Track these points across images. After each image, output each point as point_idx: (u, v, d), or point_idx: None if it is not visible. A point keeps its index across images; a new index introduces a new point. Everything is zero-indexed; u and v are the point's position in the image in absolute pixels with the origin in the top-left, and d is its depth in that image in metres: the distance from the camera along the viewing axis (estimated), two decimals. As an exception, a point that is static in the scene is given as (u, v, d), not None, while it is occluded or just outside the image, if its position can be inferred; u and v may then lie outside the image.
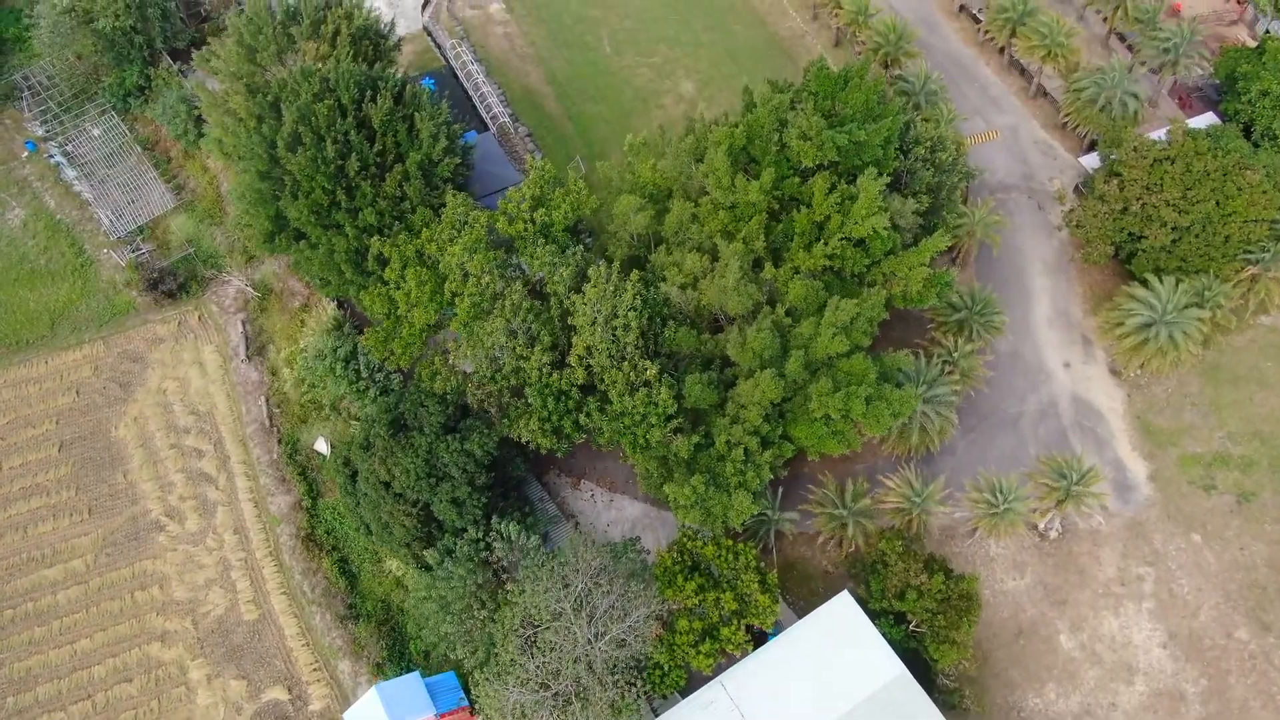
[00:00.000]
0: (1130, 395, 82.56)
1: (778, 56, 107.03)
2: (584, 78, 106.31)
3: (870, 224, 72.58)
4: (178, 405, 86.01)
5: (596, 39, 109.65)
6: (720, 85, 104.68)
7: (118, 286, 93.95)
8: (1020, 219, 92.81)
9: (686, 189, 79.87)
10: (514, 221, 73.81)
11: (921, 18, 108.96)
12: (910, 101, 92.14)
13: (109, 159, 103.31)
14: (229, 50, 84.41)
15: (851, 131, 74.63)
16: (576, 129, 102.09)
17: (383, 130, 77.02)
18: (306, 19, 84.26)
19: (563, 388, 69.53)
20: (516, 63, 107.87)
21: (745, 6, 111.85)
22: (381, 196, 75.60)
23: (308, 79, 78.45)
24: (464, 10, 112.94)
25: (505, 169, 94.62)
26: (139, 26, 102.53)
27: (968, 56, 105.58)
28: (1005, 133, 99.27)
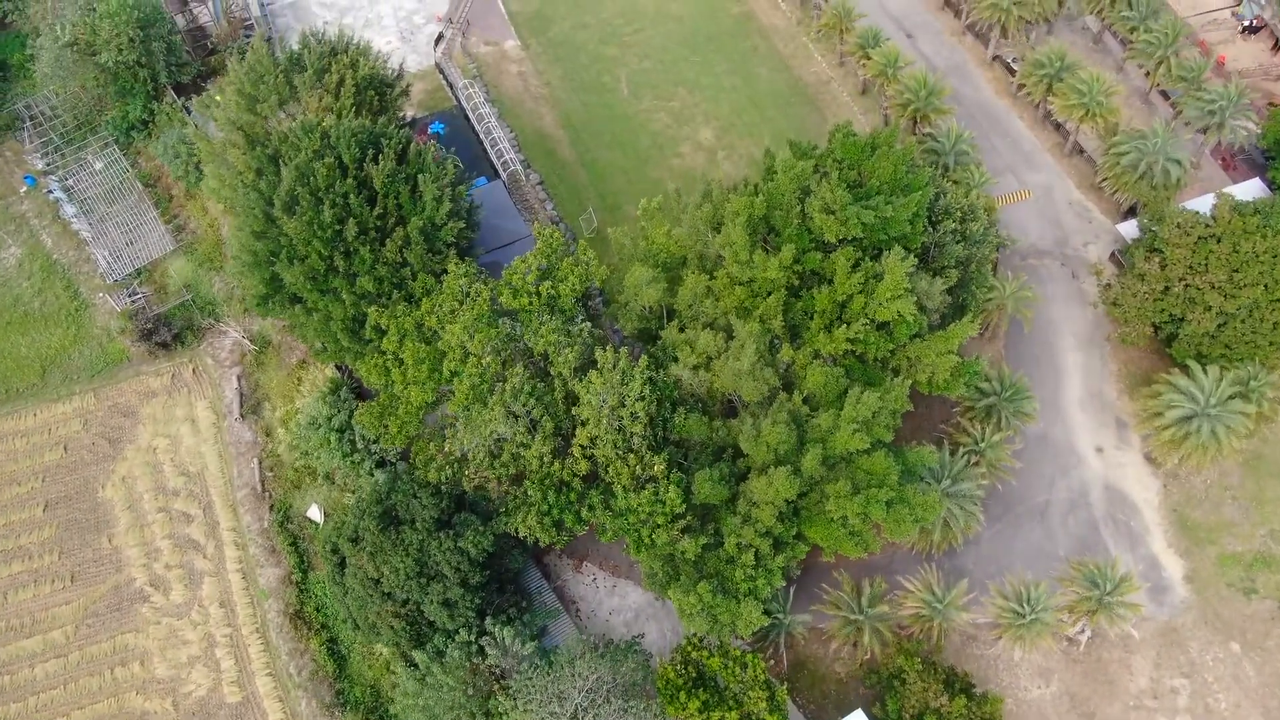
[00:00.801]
0: (1166, 486, 77.29)
1: (802, 104, 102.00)
2: (599, 122, 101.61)
3: (895, 307, 67.66)
4: (168, 465, 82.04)
5: (614, 80, 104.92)
6: (741, 133, 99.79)
7: (111, 334, 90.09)
8: (1052, 288, 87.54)
9: (702, 257, 75.18)
10: (519, 294, 69.30)
11: (953, 65, 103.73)
12: (939, 161, 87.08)
13: (109, 195, 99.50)
14: (228, 99, 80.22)
15: (878, 207, 69.71)
16: (590, 177, 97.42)
17: (384, 192, 72.64)
18: (310, 68, 79.95)
19: (564, 478, 65.05)
20: (530, 104, 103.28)
21: (769, 50, 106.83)
22: (381, 262, 71.22)
23: (308, 134, 74.15)
24: (478, 47, 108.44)
25: (514, 221, 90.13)
26: (143, 60, 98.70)
27: (1000, 108, 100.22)
28: (1038, 192, 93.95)
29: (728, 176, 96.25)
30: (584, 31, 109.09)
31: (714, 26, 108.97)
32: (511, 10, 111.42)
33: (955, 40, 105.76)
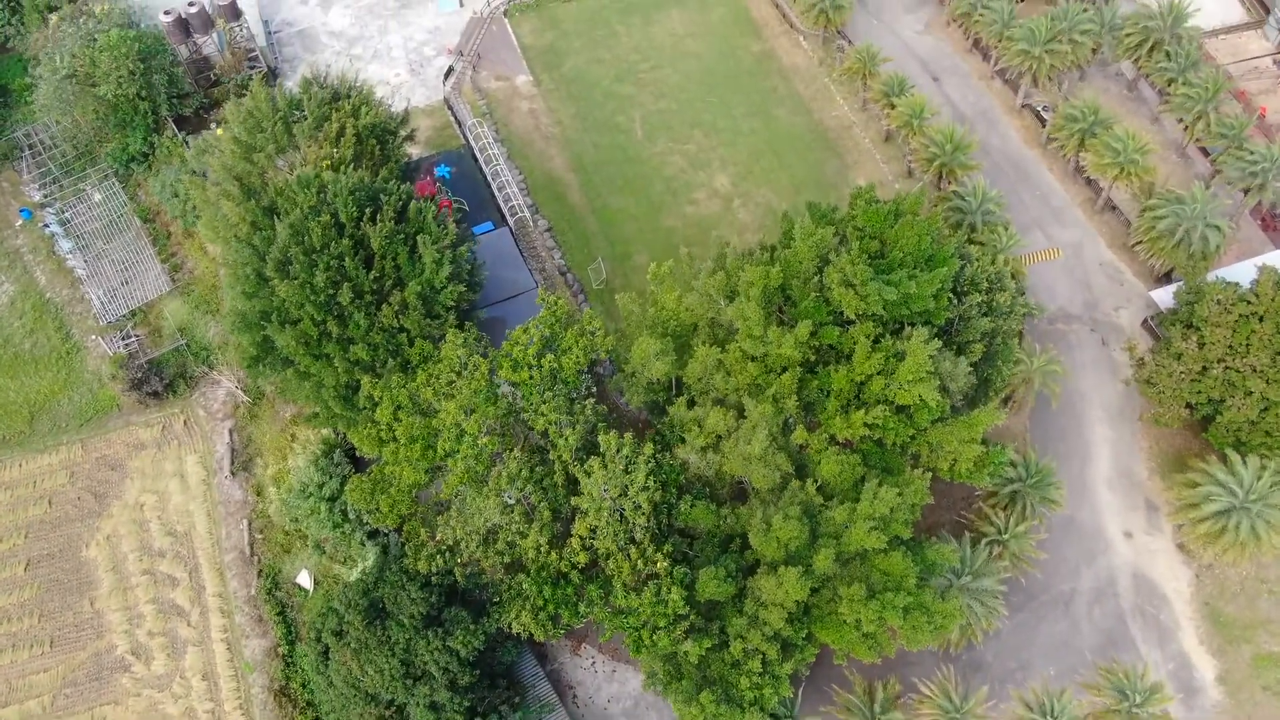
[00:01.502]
0: (1199, 577, 72.73)
1: (822, 149, 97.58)
2: (612, 164, 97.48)
3: (917, 391, 63.38)
4: (154, 523, 78.54)
5: (628, 120, 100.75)
6: (758, 179, 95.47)
7: (102, 379, 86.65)
8: (1081, 356, 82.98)
9: (713, 325, 71.06)
10: (519, 368, 65.35)
11: (980, 112, 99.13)
12: (965, 220, 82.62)
13: (107, 230, 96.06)
14: (224, 146, 76.49)
15: (901, 282, 65.37)
16: (600, 224, 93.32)
17: (381, 253, 68.82)
18: (310, 115, 76.14)
19: (562, 569, 61.12)
20: (540, 144, 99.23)
21: (789, 91, 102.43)
22: (376, 329, 67.41)
23: (304, 188, 70.42)
24: (489, 82, 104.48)
25: (520, 272, 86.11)
26: (143, 93, 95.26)
27: (1029, 159, 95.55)
28: (1068, 251, 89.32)
29: (744, 225, 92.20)
30: (598, 67, 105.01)
31: (733, 65, 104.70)
32: (524, 43, 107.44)
33: (983, 85, 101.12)
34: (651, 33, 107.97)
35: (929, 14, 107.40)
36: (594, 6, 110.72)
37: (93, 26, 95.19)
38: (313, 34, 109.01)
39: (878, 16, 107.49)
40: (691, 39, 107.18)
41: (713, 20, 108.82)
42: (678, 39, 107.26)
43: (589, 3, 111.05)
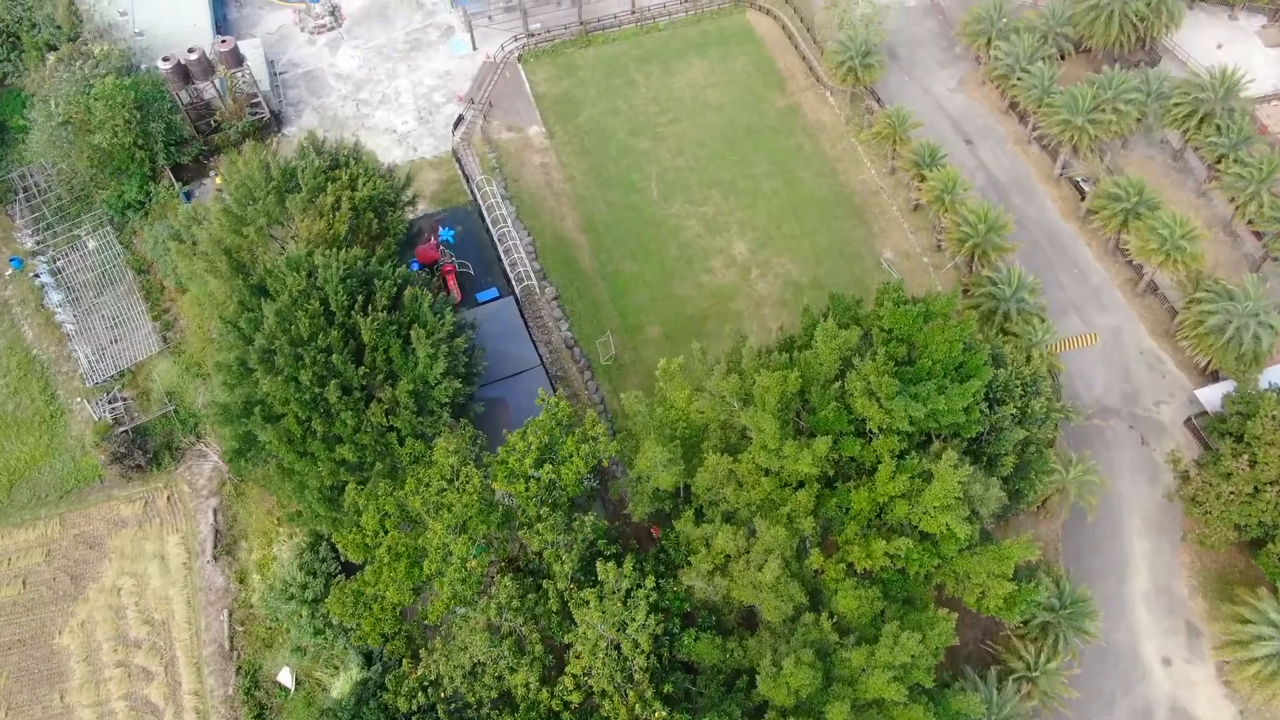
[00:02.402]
0: (1243, 713, 66.97)
1: (846, 216, 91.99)
2: (625, 226, 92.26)
3: (944, 520, 58.03)
4: (131, 610, 74.12)
5: (644, 178, 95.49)
6: (778, 247, 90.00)
7: (85, 446, 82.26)
8: (1119, 455, 77.19)
9: (725, 428, 65.84)
10: (515, 479, 60.33)
11: (1015, 179, 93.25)
12: (998, 309, 76.99)
13: (99, 282, 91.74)
14: (214, 217, 71.80)
15: (929, 397, 59.95)
16: (611, 291, 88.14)
17: (373, 345, 64.03)
18: (305, 186, 71.34)
19: (553, 707, 56.13)
20: (551, 201, 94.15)
21: (814, 150, 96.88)
22: (364, 429, 62.63)
23: (294, 270, 65.70)
24: (500, 132, 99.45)
25: (523, 347, 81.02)
26: (140, 141, 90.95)
27: (1066, 233, 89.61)
28: (1106, 336, 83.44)
29: (761, 297, 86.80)
30: (614, 119, 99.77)
31: (755, 120, 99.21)
32: (538, 92, 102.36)
33: (1019, 150, 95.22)
34: (671, 83, 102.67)
35: (963, 70, 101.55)
36: (612, 53, 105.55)
37: (89, 71, 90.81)
38: (319, 76, 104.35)
39: (909, 72, 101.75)
40: (713, 90, 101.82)
41: (736, 70, 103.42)
42: (698, 90, 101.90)
43: (607, 49, 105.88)
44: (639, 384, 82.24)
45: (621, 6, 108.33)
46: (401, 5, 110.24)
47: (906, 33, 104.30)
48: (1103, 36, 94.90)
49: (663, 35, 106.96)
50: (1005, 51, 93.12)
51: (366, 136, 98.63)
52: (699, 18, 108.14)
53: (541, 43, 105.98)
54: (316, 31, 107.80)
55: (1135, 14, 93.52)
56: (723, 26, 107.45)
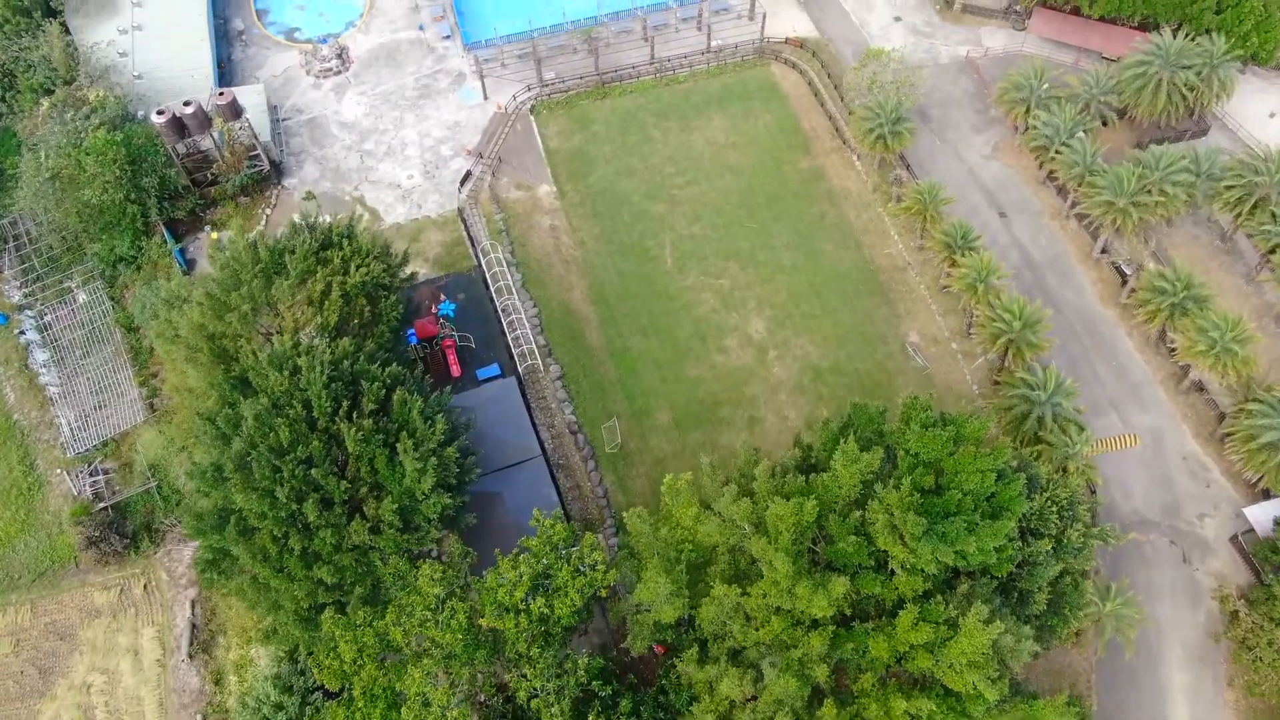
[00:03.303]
0: None
1: (870, 294, 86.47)
2: (636, 298, 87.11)
3: (970, 679, 52.74)
4: (101, 712, 69.65)
5: (657, 245, 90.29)
6: (797, 326, 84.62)
7: (62, 524, 78.07)
8: (1158, 575, 71.54)
9: (734, 552, 60.70)
10: (504, 614, 55.40)
11: (1051, 258, 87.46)
12: (1031, 413, 71.44)
13: (86, 341, 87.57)
14: (196, 302, 67.15)
15: (957, 537, 54.62)
16: (619, 371, 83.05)
17: (357, 454, 59.25)
18: (293, 271, 66.58)
19: None
20: (559, 269, 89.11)
21: (838, 219, 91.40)
22: (344, 549, 57.87)
23: (276, 368, 61.01)
24: (508, 191, 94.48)
25: (524, 434, 76.05)
26: (132, 197, 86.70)
27: (1105, 321, 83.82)
28: (1146, 438, 77.64)
29: (778, 381, 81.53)
30: (629, 180, 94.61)
31: (777, 184, 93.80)
32: (550, 146, 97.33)
33: (1056, 225, 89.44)
34: (689, 140, 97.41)
35: (999, 135, 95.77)
36: (629, 106, 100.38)
37: (80, 123, 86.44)
38: (323, 124, 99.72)
39: (941, 135, 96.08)
40: (733, 150, 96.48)
41: (758, 129, 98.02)
42: (717, 150, 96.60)
43: (624, 102, 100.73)
44: (645, 474, 77.39)
45: (640, 56, 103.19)
46: (412, 49, 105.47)
47: (939, 92, 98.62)
48: (1149, 106, 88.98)
49: (682, 88, 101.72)
50: (1044, 122, 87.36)
51: (369, 191, 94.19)
52: (721, 70, 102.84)
53: (555, 93, 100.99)
54: (322, 75, 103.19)
55: (1185, 84, 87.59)
56: (745, 80, 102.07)
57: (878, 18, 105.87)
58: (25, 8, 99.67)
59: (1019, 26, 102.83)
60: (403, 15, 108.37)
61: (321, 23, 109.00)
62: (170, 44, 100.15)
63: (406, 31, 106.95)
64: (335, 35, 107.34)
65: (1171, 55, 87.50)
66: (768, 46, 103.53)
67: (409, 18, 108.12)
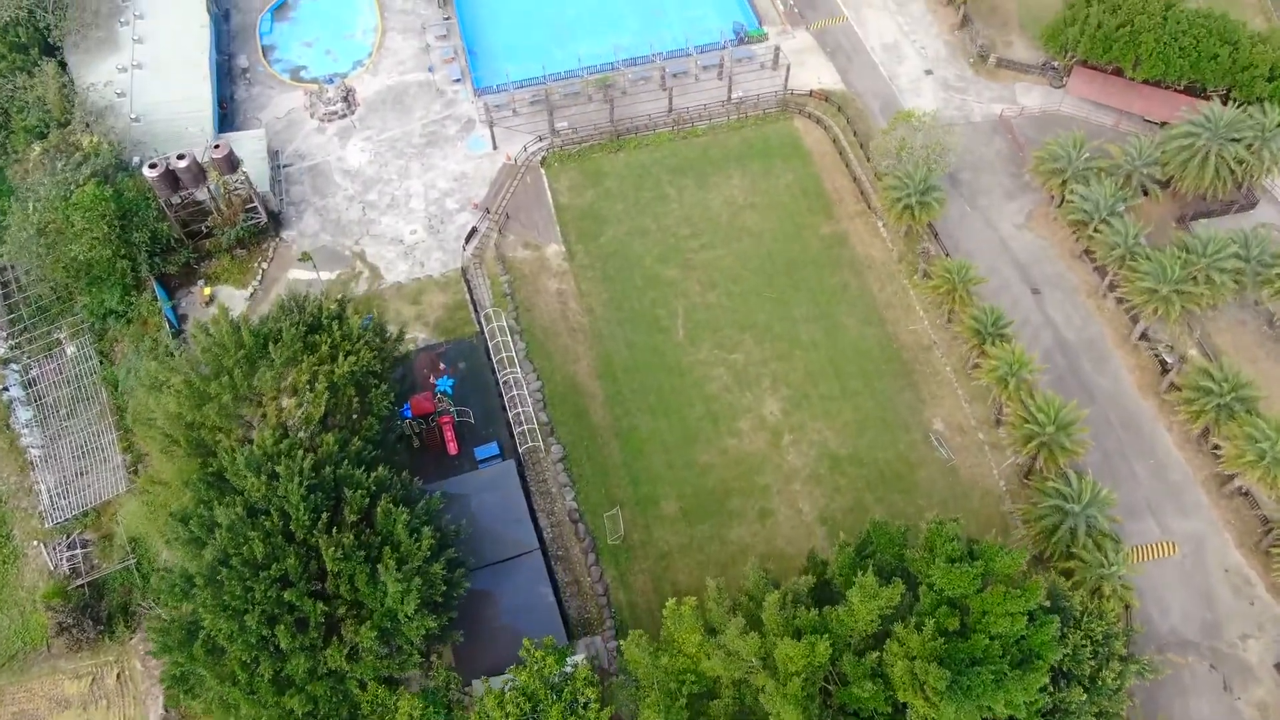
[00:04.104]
0: None
1: (893, 375, 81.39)
2: (645, 372, 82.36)
3: None
4: (66, 813, 66.02)
5: (669, 315, 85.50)
6: (814, 409, 79.63)
7: (36, 602, 74.22)
8: (1196, 704, 66.23)
9: (739, 685, 56.00)
10: (487, 758, 50.98)
11: (1087, 341, 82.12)
12: (1064, 524, 66.33)
13: (71, 400, 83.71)
14: (174, 390, 62.94)
15: (983, 691, 49.75)
16: (624, 453, 78.33)
17: (336, 570, 54.90)
18: (279, 358, 62.26)
19: None
20: (565, 338, 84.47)
21: (861, 290, 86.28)
22: (319, 676, 53.54)
23: (254, 473, 56.74)
24: (515, 249, 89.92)
25: (522, 526, 71.20)
26: (123, 252, 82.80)
27: (1143, 414, 78.44)
28: (1185, 547, 72.37)
29: (792, 469, 76.69)
30: (641, 241, 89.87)
31: (797, 250, 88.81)
32: (560, 203, 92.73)
33: (1092, 305, 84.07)
34: (706, 199, 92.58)
35: (1033, 203, 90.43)
36: (644, 161, 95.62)
37: (69, 175, 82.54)
38: (325, 171, 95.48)
39: (972, 201, 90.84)
40: (751, 212, 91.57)
41: (778, 189, 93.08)
42: (735, 210, 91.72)
43: (639, 155, 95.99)
44: (648, 570, 72.82)
45: (657, 106, 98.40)
46: (421, 92, 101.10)
47: (971, 154, 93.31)
48: (1195, 180, 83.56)
49: (701, 142, 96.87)
50: (1083, 196, 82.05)
51: (370, 246, 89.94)
52: (741, 123, 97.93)
53: (568, 144, 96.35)
54: (327, 119, 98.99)
55: (1234, 157, 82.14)
56: (767, 135, 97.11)
57: (908, 70, 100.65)
58: (22, 44, 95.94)
59: (1056, 84, 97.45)
60: (412, 56, 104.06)
61: (328, 61, 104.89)
62: (170, 84, 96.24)
63: (415, 74, 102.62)
64: (342, 75, 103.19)
65: (1221, 127, 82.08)
66: (791, 99, 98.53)
67: (418, 59, 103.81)
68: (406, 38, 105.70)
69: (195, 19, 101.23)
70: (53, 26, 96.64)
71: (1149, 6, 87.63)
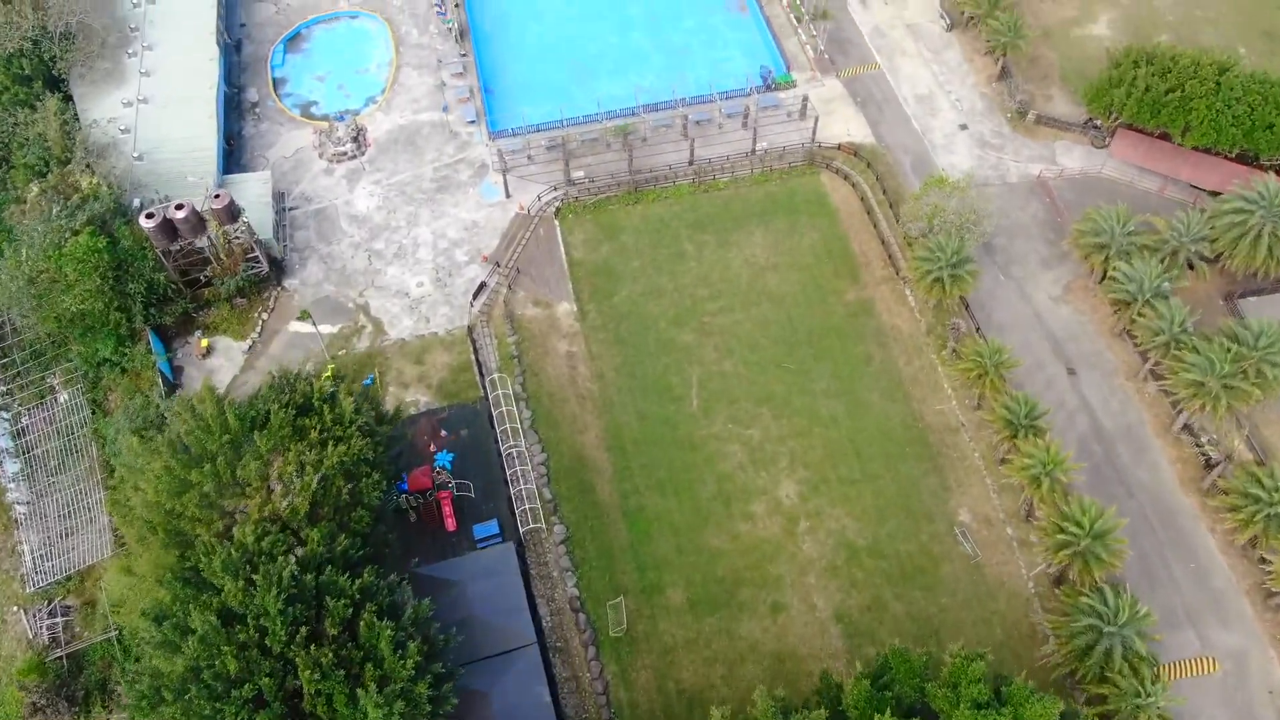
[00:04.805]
0: None
1: (917, 458, 76.69)
2: (656, 446, 78.10)
3: None
4: None
5: (683, 383, 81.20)
6: (833, 494, 75.15)
7: (13, 673, 71.01)
8: (1236, 843, 61.53)
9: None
10: None
11: (1125, 428, 77.12)
12: (1098, 644, 61.54)
13: (61, 453, 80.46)
14: (152, 477, 59.25)
15: None
16: (631, 534, 74.15)
17: (314, 689, 51.00)
18: (265, 445, 58.37)
19: None
20: (574, 406, 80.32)
21: (886, 363, 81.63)
22: (289, 806, 49.76)
23: (231, 575, 52.97)
24: (525, 307, 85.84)
25: (518, 616, 67.03)
26: (117, 304, 79.46)
27: (1184, 512, 73.39)
28: (1227, 663, 67.39)
29: (807, 560, 72.34)
30: (657, 301, 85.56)
31: (820, 318, 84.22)
32: (574, 257, 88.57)
33: (1132, 389, 79.04)
34: (726, 258, 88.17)
35: (1070, 274, 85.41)
36: (663, 214, 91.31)
37: (64, 223, 79.13)
38: (332, 216, 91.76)
39: (1005, 269, 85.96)
40: (774, 273, 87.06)
41: (802, 249, 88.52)
42: (757, 271, 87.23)
43: (657, 209, 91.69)
44: (651, 666, 68.70)
45: (679, 156, 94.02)
46: (434, 133, 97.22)
47: (1006, 217, 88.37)
48: (1246, 259, 78.48)
49: (722, 196, 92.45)
50: (1126, 275, 77.06)
51: (375, 299, 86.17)
52: (765, 177, 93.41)
53: (584, 194, 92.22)
54: (336, 160, 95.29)
55: (1289, 236, 76.86)
56: (792, 190, 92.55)
57: (942, 124, 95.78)
58: (26, 76, 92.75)
59: (1099, 144, 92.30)
60: (427, 94, 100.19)
61: (341, 97, 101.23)
62: (176, 121, 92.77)
63: (429, 113, 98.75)
64: (354, 112, 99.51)
65: (1275, 204, 76.84)
66: (819, 152, 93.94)
67: (432, 97, 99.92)
68: (421, 74, 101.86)
69: (205, 52, 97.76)
70: (58, 58, 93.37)
71: (1201, 71, 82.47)
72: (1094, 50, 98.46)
